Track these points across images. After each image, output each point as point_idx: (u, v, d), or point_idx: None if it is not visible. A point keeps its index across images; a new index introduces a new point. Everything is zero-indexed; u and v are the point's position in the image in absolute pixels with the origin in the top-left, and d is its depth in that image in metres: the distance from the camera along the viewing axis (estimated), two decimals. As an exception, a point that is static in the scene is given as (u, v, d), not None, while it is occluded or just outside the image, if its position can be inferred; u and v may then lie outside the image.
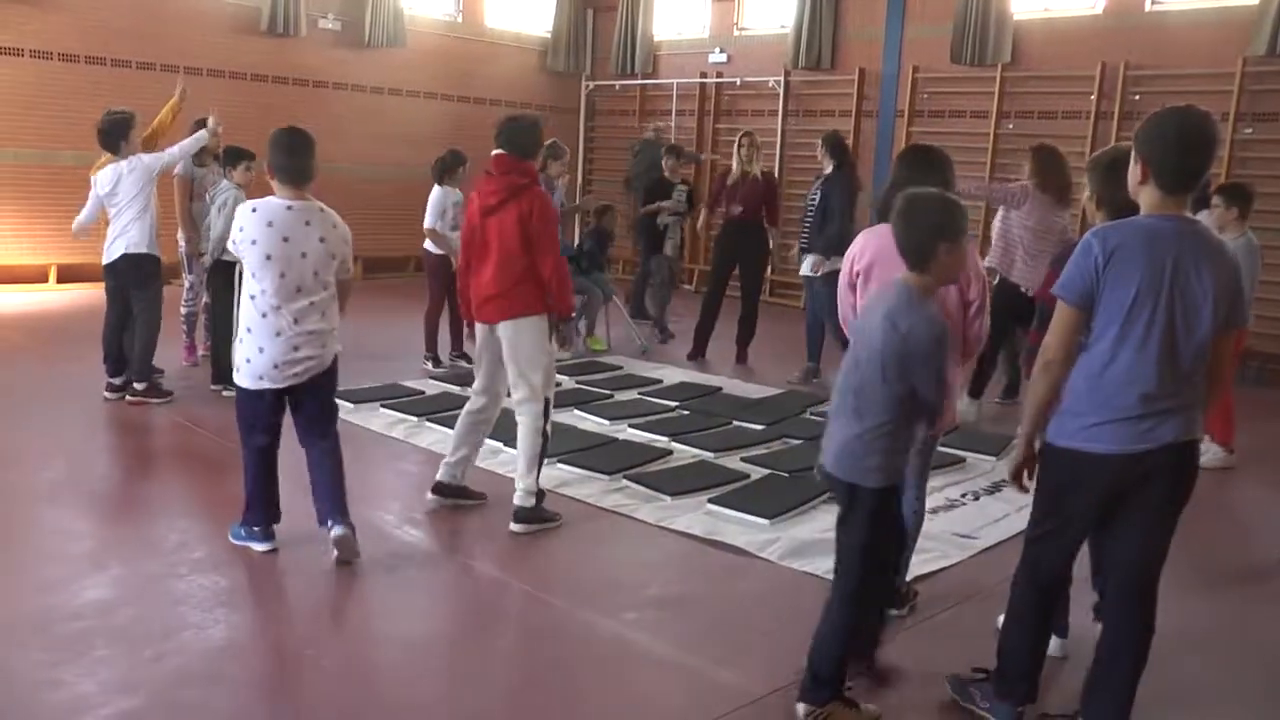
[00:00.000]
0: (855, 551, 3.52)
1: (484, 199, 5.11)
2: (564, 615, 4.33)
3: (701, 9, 15.21)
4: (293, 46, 13.17)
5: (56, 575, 4.40)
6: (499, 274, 5.06)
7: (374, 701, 3.58)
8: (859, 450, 3.47)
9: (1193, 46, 10.85)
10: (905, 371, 3.37)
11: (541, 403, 5.12)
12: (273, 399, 4.62)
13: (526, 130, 5.15)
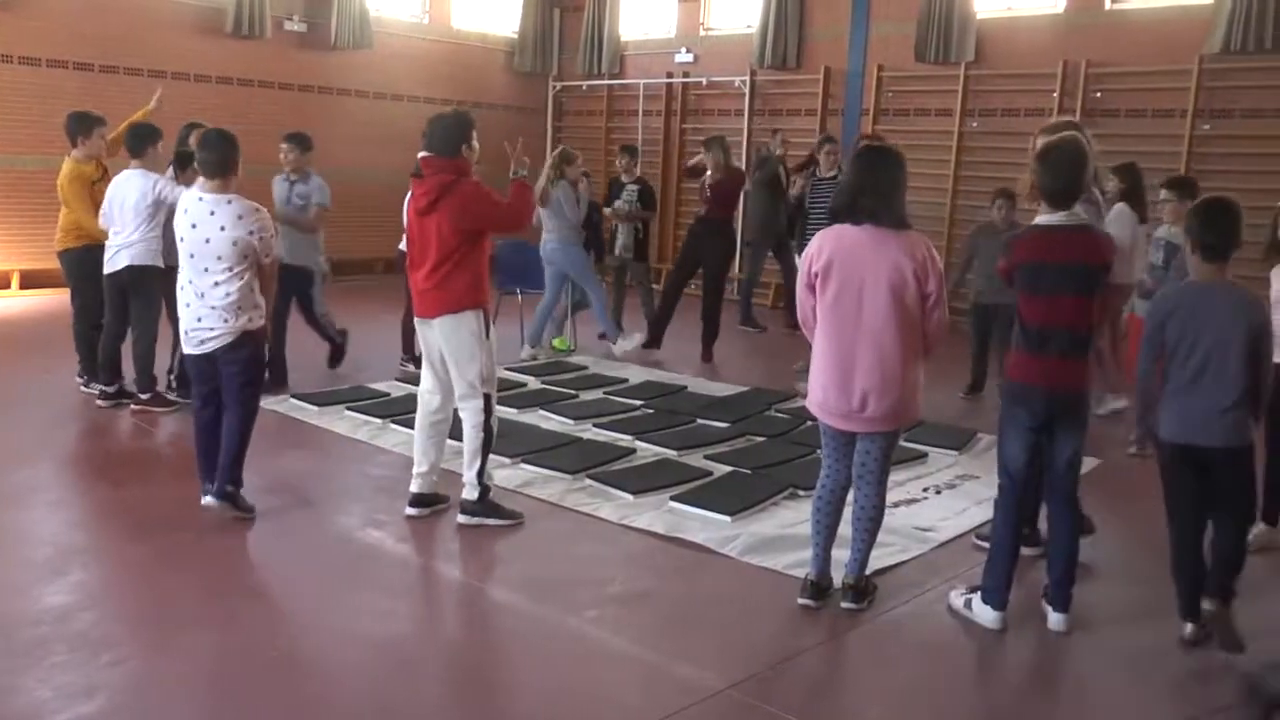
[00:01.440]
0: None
1: (416, 201, 5.17)
2: (524, 613, 4.36)
3: (668, 9, 15.24)
4: (258, 49, 13.12)
5: (16, 581, 4.39)
6: (433, 270, 5.11)
7: (336, 701, 3.60)
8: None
9: (1152, 44, 10.96)
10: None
11: (481, 398, 5.15)
12: (203, 364, 5.20)
13: (447, 128, 5.15)
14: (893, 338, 4.15)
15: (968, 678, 4.07)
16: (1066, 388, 4.20)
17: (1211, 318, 4.12)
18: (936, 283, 4.18)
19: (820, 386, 4.29)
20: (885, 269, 4.13)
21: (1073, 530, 4.34)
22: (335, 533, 5.18)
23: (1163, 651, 4.19)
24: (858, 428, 4.28)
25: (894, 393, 4.18)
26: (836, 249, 4.22)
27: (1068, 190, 4.19)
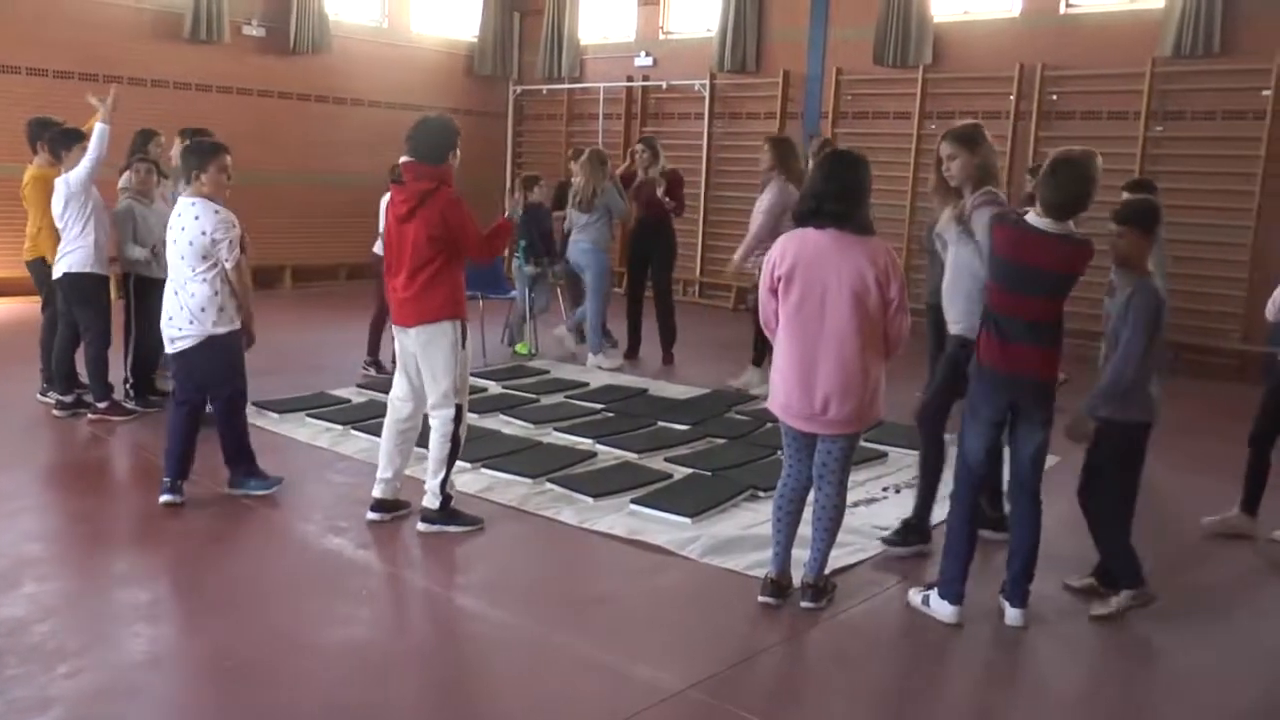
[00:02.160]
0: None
1: (395, 207, 5.15)
2: (485, 617, 4.36)
3: (627, 13, 15.25)
4: (217, 53, 13.03)
5: (-32, 593, 4.35)
6: (410, 278, 5.09)
7: (293, 708, 3.58)
8: None
9: (1106, 47, 11.10)
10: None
11: (453, 408, 5.14)
12: (178, 363, 5.53)
13: (433, 134, 5.14)
14: (854, 342, 4.19)
15: (926, 675, 4.10)
16: (1032, 374, 4.26)
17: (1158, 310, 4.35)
18: (898, 288, 4.22)
19: (783, 389, 4.33)
20: (848, 274, 4.17)
21: (1035, 527, 4.38)
22: (296, 540, 5.16)
23: (1122, 645, 4.25)
24: (819, 429, 4.32)
25: (855, 396, 4.21)
26: (800, 253, 4.25)
27: (1067, 205, 4.21)
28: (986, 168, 4.84)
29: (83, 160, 6.74)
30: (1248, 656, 4.23)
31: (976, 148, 4.80)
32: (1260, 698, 3.95)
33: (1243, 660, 4.20)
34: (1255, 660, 4.21)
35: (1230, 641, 4.35)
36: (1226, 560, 5.30)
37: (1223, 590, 4.92)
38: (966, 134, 4.84)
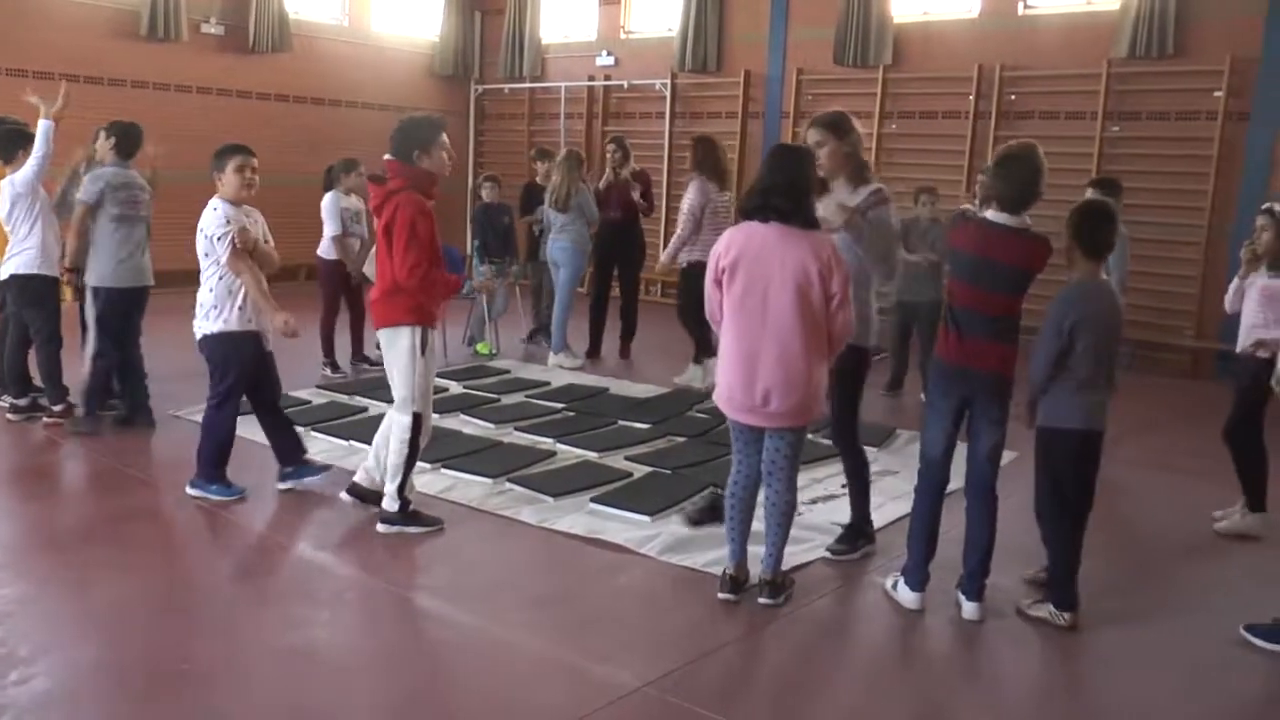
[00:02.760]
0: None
1: (376, 211, 5.14)
2: (444, 618, 4.36)
3: (589, 12, 15.25)
4: (175, 52, 12.92)
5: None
6: (381, 282, 5.11)
7: (248, 711, 3.57)
8: None
9: (1062, 48, 11.23)
10: None
11: (409, 415, 5.11)
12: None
13: (402, 130, 5.13)
14: (796, 336, 4.22)
15: (884, 669, 4.13)
16: (987, 369, 4.31)
17: (1100, 317, 4.31)
18: (841, 283, 4.24)
19: (725, 382, 4.37)
20: (791, 268, 4.20)
21: (990, 522, 4.43)
22: (255, 542, 5.14)
23: (1077, 640, 4.31)
24: (761, 422, 4.35)
25: (797, 390, 4.24)
26: (744, 247, 4.28)
27: (1022, 197, 4.27)
28: (855, 156, 4.84)
29: (28, 160, 6.66)
30: (1199, 657, 4.29)
31: (845, 135, 4.78)
32: (1210, 698, 4.01)
33: (1193, 661, 4.26)
34: (1207, 662, 4.26)
35: (1184, 641, 4.41)
36: (1191, 558, 5.37)
37: (1186, 589, 4.97)
38: (833, 120, 4.81)
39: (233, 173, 5.43)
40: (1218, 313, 6.10)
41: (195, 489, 5.58)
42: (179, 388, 7.75)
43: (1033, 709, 3.88)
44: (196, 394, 7.45)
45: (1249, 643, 4.30)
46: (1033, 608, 4.48)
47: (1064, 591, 4.42)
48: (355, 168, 8.68)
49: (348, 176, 8.65)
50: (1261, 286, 5.46)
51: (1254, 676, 4.14)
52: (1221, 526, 5.66)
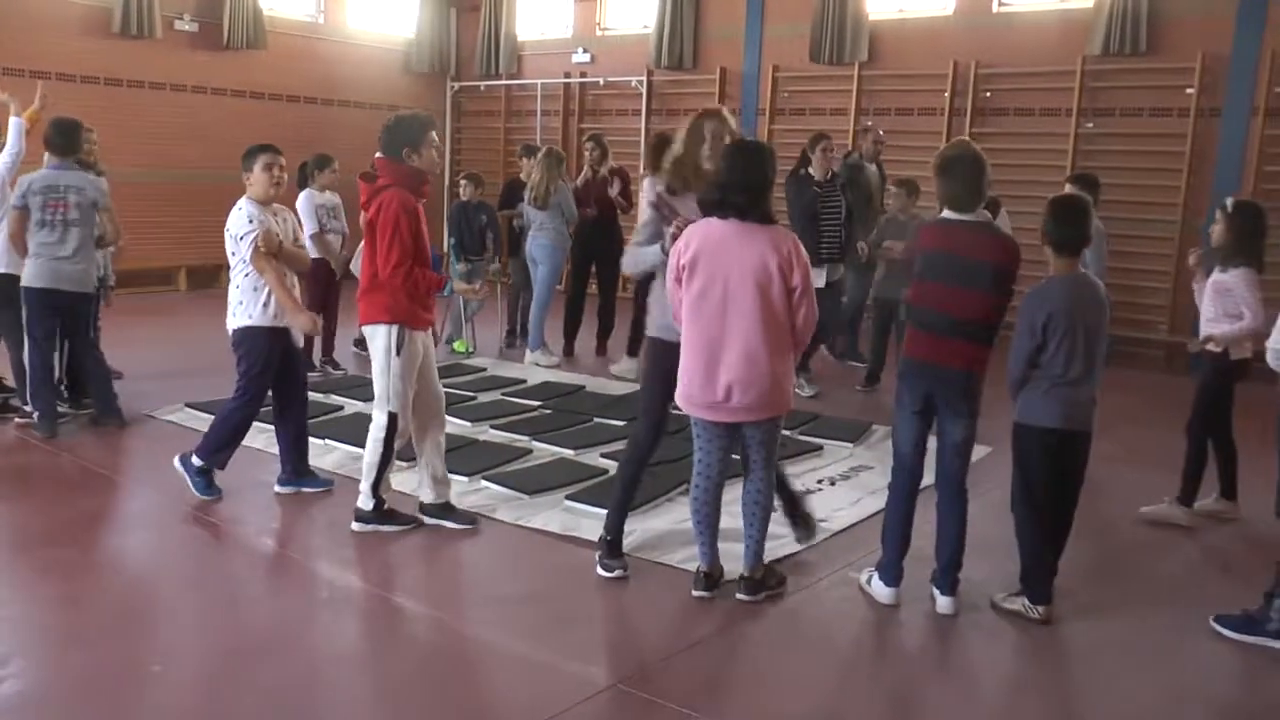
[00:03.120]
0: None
1: (365, 208, 5.10)
2: (416, 617, 4.35)
3: (564, 9, 15.23)
4: (148, 48, 12.83)
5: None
6: (368, 280, 5.07)
7: (219, 710, 3.55)
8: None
9: (1037, 46, 11.29)
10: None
11: (386, 414, 5.08)
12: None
13: (394, 128, 5.10)
14: (758, 331, 4.21)
15: (859, 663, 4.16)
16: (951, 366, 4.32)
17: (1076, 313, 4.31)
18: (802, 277, 4.25)
19: (685, 380, 4.35)
20: (751, 263, 4.19)
21: (961, 517, 4.44)
22: (229, 542, 5.12)
23: (1049, 634, 4.33)
24: (725, 417, 4.34)
25: (760, 385, 4.23)
26: (704, 243, 4.27)
27: (971, 194, 4.31)
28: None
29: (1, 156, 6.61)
30: (1170, 649, 4.32)
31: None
32: (1182, 690, 4.03)
33: (1164, 653, 4.29)
34: (1178, 654, 4.29)
35: (1156, 634, 4.43)
36: (1161, 551, 5.39)
37: (1157, 581, 4.99)
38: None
39: (261, 171, 5.43)
40: (1191, 307, 6.15)
41: (180, 465, 5.54)
42: (154, 387, 7.75)
43: (1005, 702, 3.90)
44: (172, 394, 7.48)
45: (1219, 634, 4.32)
46: (1006, 601, 4.50)
47: (1037, 585, 4.43)
48: (329, 164, 8.64)
49: (322, 173, 8.60)
50: (1213, 281, 5.53)
51: (1224, 668, 4.16)
52: (1146, 511, 5.75)
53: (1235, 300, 5.37)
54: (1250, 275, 5.38)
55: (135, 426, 6.91)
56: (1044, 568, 4.45)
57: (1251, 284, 5.36)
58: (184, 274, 13.44)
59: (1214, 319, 5.49)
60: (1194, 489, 5.74)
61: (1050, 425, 4.36)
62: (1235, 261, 5.43)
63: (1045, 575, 4.44)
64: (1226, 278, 5.44)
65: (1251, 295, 5.34)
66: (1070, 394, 4.33)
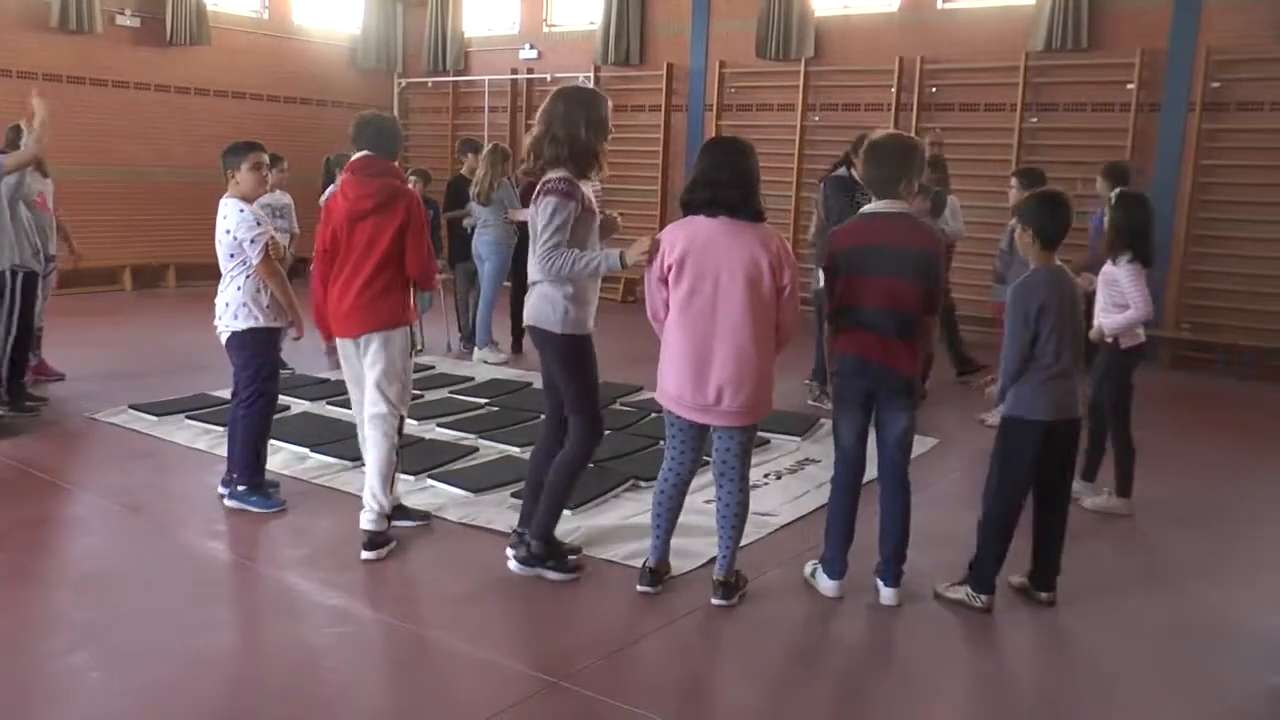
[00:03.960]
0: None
1: (356, 203, 4.86)
2: (359, 616, 4.33)
3: (511, 6, 15.23)
4: (88, 44, 12.69)
5: None
6: (369, 283, 4.87)
7: (159, 714, 3.52)
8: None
9: (981, 42, 11.43)
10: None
11: (398, 419, 5.01)
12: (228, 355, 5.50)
13: (388, 128, 5.06)
14: (748, 331, 4.18)
15: (802, 656, 4.18)
16: (890, 364, 4.35)
17: (1063, 302, 4.38)
18: (790, 275, 4.23)
19: (674, 380, 4.30)
20: (741, 261, 4.15)
21: (904, 508, 4.48)
22: (168, 544, 5.06)
23: (990, 622, 4.40)
24: (714, 421, 4.31)
25: (749, 385, 4.21)
26: (691, 242, 4.22)
27: (887, 178, 4.36)
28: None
29: None
30: (1109, 637, 4.39)
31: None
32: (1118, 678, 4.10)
33: (1103, 641, 4.35)
34: (1116, 643, 4.36)
35: (1095, 622, 4.50)
36: (1100, 541, 5.47)
37: (1097, 571, 5.05)
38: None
39: (249, 170, 5.31)
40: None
41: (235, 501, 5.42)
42: (97, 389, 7.67)
43: (947, 691, 3.93)
44: (116, 396, 7.38)
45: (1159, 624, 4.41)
46: (949, 590, 4.55)
47: (986, 575, 4.49)
48: (280, 163, 8.57)
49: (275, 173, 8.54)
50: (1103, 272, 5.69)
51: (1164, 656, 4.23)
52: (1090, 504, 5.83)
53: (1121, 291, 5.53)
54: (1135, 268, 5.51)
55: (79, 428, 6.83)
56: (997, 560, 4.49)
57: (1136, 276, 5.50)
58: (129, 273, 13.28)
59: (1104, 309, 5.64)
60: (1094, 469, 5.96)
61: (1043, 418, 4.39)
62: (1121, 253, 5.56)
63: (996, 566, 4.50)
64: (1113, 269, 5.59)
65: (1135, 287, 5.49)
66: (1061, 384, 4.38)
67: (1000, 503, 4.49)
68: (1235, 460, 7.11)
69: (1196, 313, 10.56)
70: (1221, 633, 4.41)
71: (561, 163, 4.34)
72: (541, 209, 4.30)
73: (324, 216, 5.07)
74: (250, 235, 5.23)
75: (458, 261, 10.12)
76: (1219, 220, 10.38)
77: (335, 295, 4.96)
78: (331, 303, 4.99)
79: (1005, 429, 4.52)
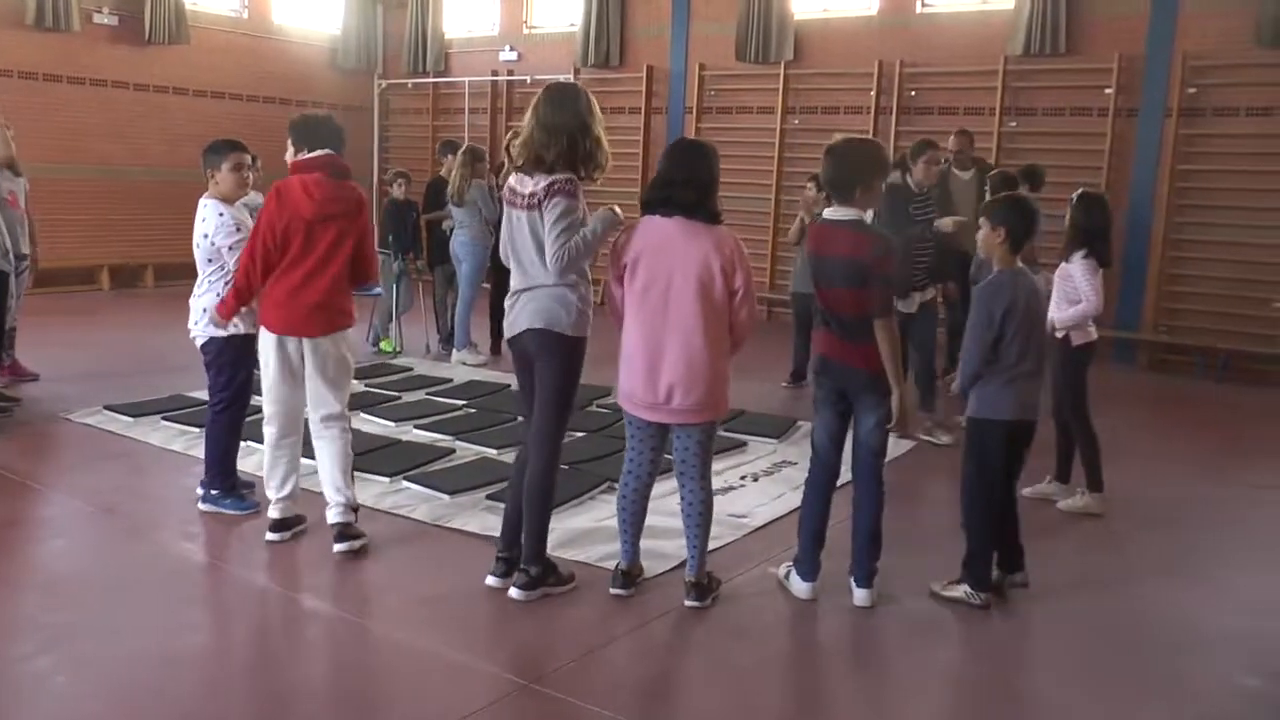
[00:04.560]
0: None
1: (325, 205, 4.81)
2: (331, 620, 4.32)
3: (491, 7, 15.21)
4: (66, 42, 12.62)
5: None
6: (335, 284, 4.86)
7: (126, 717, 3.50)
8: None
9: (960, 46, 11.47)
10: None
11: (348, 417, 5.04)
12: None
13: (339, 130, 5.04)
14: (699, 332, 4.20)
15: (774, 658, 4.18)
16: (848, 363, 4.38)
17: (1028, 305, 4.44)
18: (744, 278, 4.24)
19: (627, 378, 4.35)
20: (694, 263, 4.18)
21: (875, 509, 4.49)
22: (145, 547, 5.03)
23: (963, 624, 4.41)
24: (665, 419, 4.34)
25: (700, 386, 4.24)
26: (646, 241, 4.26)
27: (841, 183, 4.38)
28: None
29: None
30: (1080, 637, 4.41)
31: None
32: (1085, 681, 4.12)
33: (1074, 641, 4.37)
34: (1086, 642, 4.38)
35: (1069, 621, 4.52)
36: (1068, 538, 5.50)
37: (1069, 569, 5.07)
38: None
39: (230, 171, 5.26)
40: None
41: (209, 504, 5.37)
42: (73, 389, 7.62)
43: (919, 692, 3.93)
44: (91, 397, 7.34)
45: (1131, 623, 4.43)
46: (947, 589, 4.57)
47: (981, 572, 4.53)
48: (255, 163, 8.52)
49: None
50: (1059, 269, 5.82)
51: (1137, 656, 4.25)
52: (1064, 505, 5.87)
53: (1074, 286, 5.65)
54: (1090, 265, 5.64)
55: (52, 429, 6.79)
56: (989, 556, 4.55)
57: (1089, 272, 5.63)
58: (106, 273, 13.21)
59: (1057, 304, 5.72)
60: (1067, 470, 6.02)
61: (1008, 418, 4.46)
62: (1076, 250, 5.69)
63: (989, 563, 4.55)
64: (1068, 266, 5.72)
65: (1088, 282, 5.61)
66: (1025, 385, 4.45)
67: (979, 502, 4.54)
68: (1209, 461, 7.16)
69: (1173, 316, 10.62)
70: (1192, 633, 4.43)
71: (566, 164, 4.27)
72: (550, 209, 4.22)
73: (275, 210, 4.86)
74: (229, 242, 5.18)
75: (436, 263, 10.04)
76: (1196, 224, 10.44)
77: (284, 292, 4.87)
78: (296, 300, 4.86)
79: (973, 431, 4.57)
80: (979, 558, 4.54)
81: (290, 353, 4.95)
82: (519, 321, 4.40)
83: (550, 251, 4.23)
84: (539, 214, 4.25)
